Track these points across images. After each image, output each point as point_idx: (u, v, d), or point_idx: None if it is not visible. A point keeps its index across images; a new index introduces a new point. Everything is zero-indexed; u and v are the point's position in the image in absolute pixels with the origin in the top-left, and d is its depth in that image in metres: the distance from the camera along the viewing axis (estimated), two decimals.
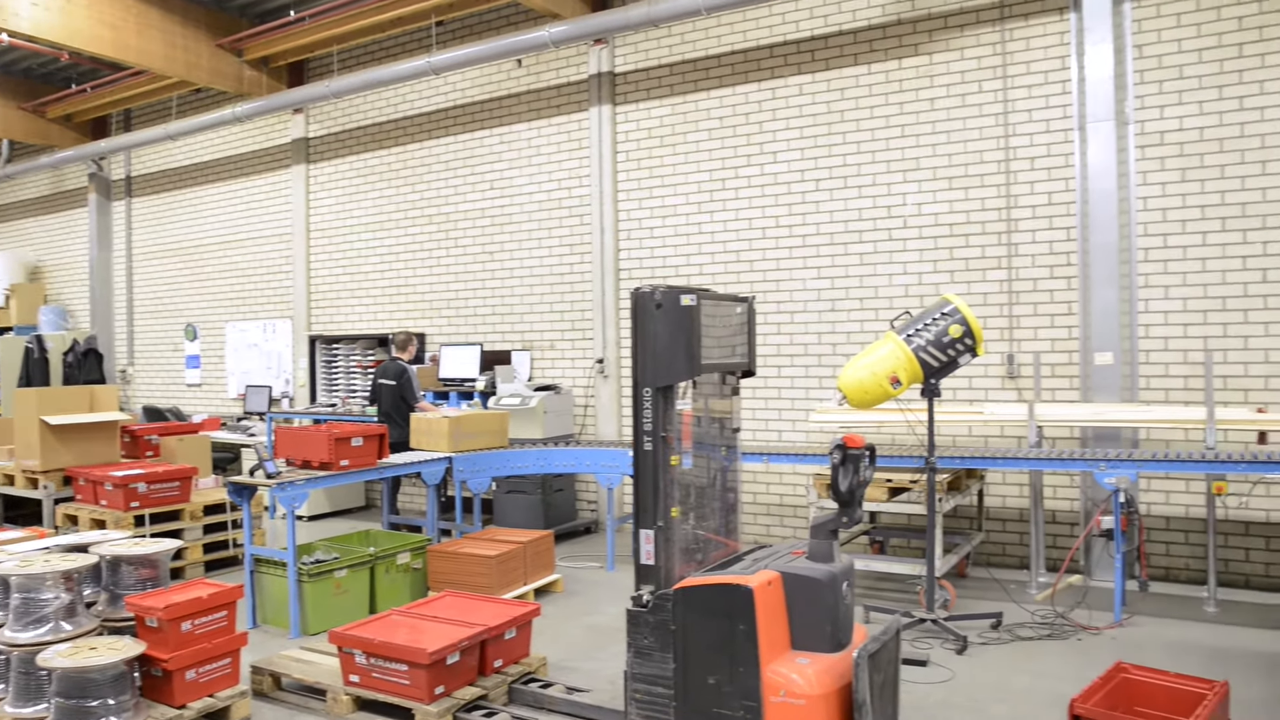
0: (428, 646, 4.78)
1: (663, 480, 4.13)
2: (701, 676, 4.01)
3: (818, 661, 3.94)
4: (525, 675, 5.28)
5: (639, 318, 4.15)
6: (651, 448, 4.13)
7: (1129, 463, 6.25)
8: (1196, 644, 5.92)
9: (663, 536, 4.15)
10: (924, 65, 8.19)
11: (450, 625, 5.19)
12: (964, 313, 5.71)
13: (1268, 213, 7.01)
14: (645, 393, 4.13)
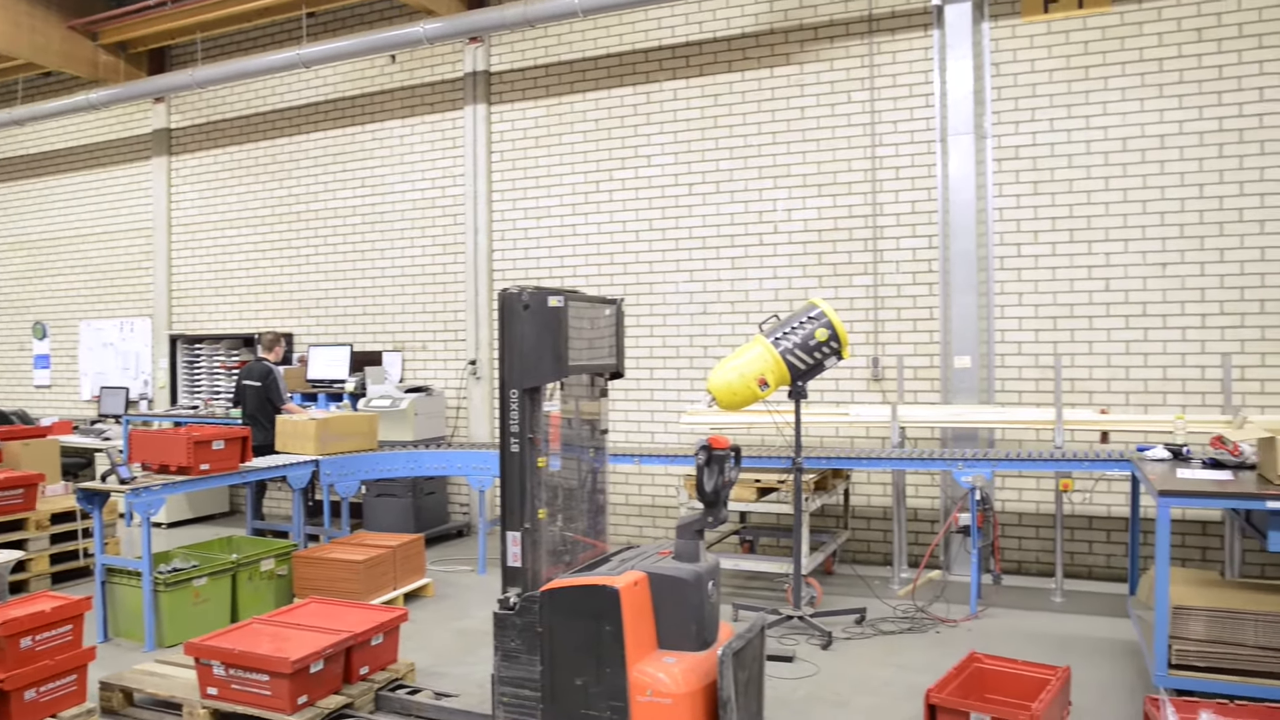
0: (290, 655, 4.65)
1: (530, 482, 4.12)
2: (568, 678, 4.01)
3: (684, 660, 3.98)
4: (392, 682, 5.18)
5: (506, 319, 4.13)
6: (519, 449, 4.11)
7: (984, 462, 6.52)
8: (1045, 632, 6.21)
9: (530, 539, 4.13)
10: (795, 74, 8.38)
11: (314, 633, 5.06)
12: (830, 317, 5.85)
13: (1110, 226, 7.42)
14: (512, 394, 4.10)
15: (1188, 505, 4.61)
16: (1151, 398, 7.30)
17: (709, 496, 4.13)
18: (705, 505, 4.17)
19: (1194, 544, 7.25)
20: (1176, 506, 4.82)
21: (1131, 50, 7.43)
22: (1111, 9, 7.48)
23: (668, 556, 4.23)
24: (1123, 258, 7.39)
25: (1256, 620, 4.52)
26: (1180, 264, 7.26)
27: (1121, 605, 6.58)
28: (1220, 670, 4.57)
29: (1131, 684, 5.21)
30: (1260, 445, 4.97)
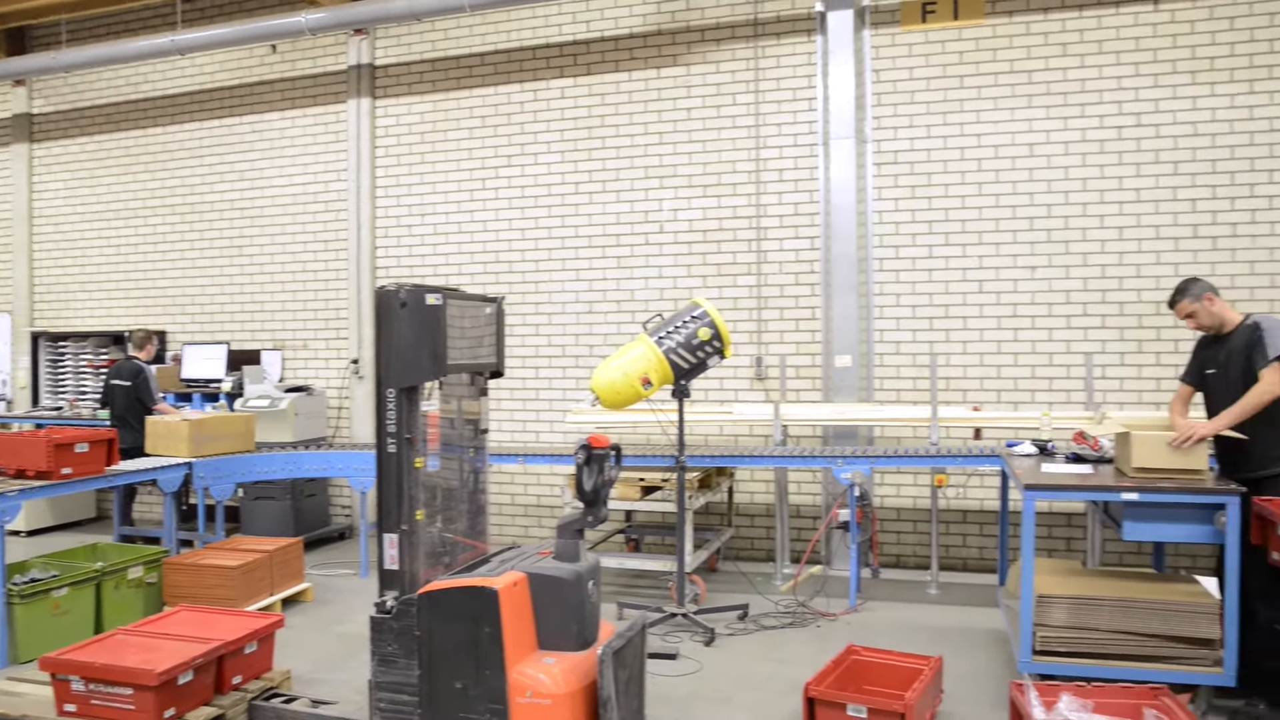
0: (155, 667, 4.46)
1: (407, 483, 4.05)
2: (447, 681, 3.96)
3: (564, 660, 3.96)
4: (267, 691, 5.02)
5: (383, 317, 4.05)
6: (395, 450, 4.03)
7: (863, 459, 6.68)
8: (921, 624, 6.39)
9: (407, 540, 4.06)
10: (682, 76, 8.44)
11: (183, 642, 4.87)
12: (713, 316, 5.91)
13: (983, 230, 7.69)
14: (389, 393, 4.02)
15: (1051, 498, 4.82)
16: (1021, 395, 7.59)
17: (588, 496, 4.12)
18: (585, 504, 4.16)
19: (1060, 535, 7.56)
20: (1041, 500, 5.03)
21: (1003, 61, 7.71)
22: (985, 21, 7.74)
23: (548, 557, 4.21)
24: (995, 260, 7.67)
25: (1112, 605, 4.73)
26: (1048, 267, 7.57)
27: (993, 595, 6.80)
28: (1080, 654, 4.77)
29: (1000, 671, 5.39)
30: (1117, 440, 5.21)
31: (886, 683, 4.82)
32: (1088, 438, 5.50)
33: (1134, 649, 4.72)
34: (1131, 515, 4.76)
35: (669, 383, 5.96)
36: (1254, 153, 7.28)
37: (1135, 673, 4.61)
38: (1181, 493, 4.67)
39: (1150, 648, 4.70)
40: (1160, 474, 4.81)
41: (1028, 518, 4.81)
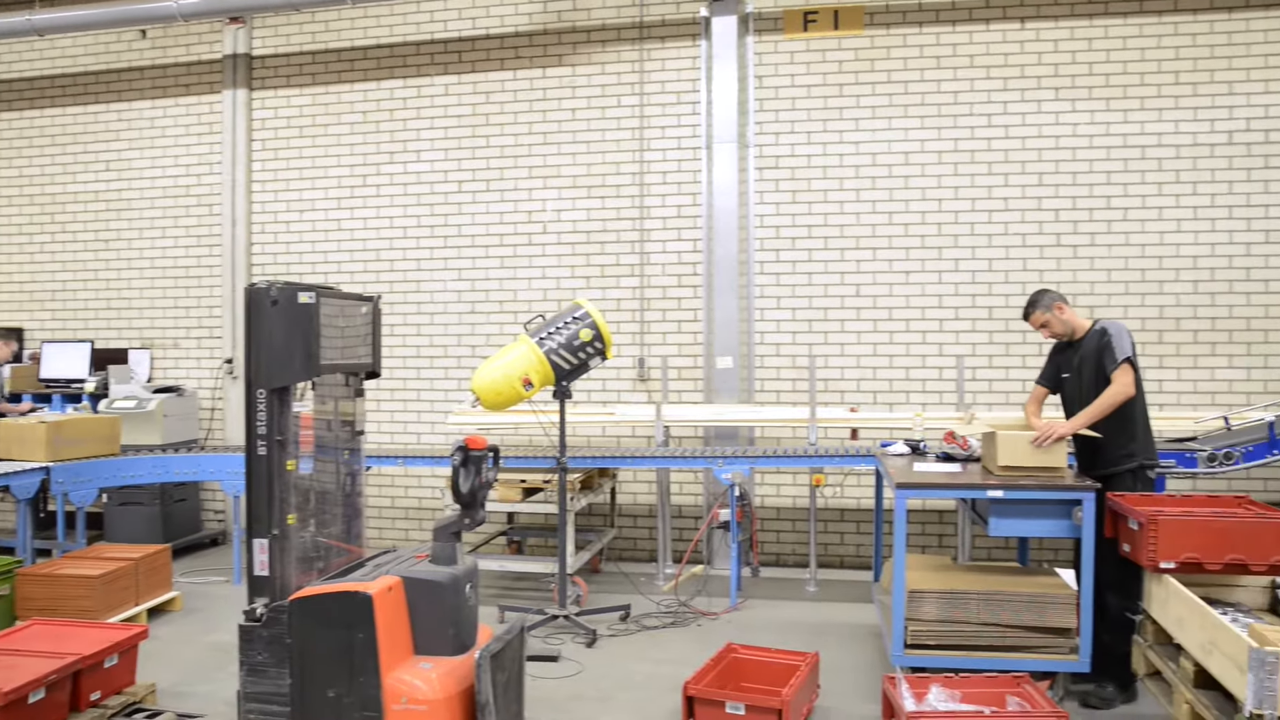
0: (3, 685, 4.22)
1: (278, 486, 3.93)
2: (319, 690, 3.86)
3: (440, 665, 3.91)
4: (129, 706, 4.81)
5: (253, 315, 3.93)
6: (266, 452, 3.91)
7: (743, 459, 6.77)
8: (800, 621, 6.51)
9: (278, 545, 3.95)
10: (567, 76, 8.42)
11: (35, 658, 4.61)
12: (594, 317, 5.91)
13: (860, 235, 7.89)
14: (259, 394, 3.90)
15: (922, 496, 4.97)
16: (896, 397, 7.81)
17: (465, 498, 4.08)
18: (462, 507, 4.12)
19: (932, 531, 7.82)
20: (913, 498, 5.19)
21: (881, 72, 7.93)
22: (863, 33, 7.95)
23: (424, 560, 4.14)
24: (871, 265, 7.87)
25: (978, 599, 4.90)
26: (921, 272, 7.81)
27: (869, 592, 6.98)
28: (949, 647, 4.92)
29: (875, 664, 5.54)
30: (984, 440, 5.41)
31: (765, 679, 4.89)
32: (957, 437, 5.69)
33: (999, 640, 4.90)
34: (997, 512, 4.94)
35: (550, 384, 5.93)
36: (1110, 167, 7.67)
37: (1000, 662, 4.79)
38: (1042, 489, 4.88)
39: (1014, 638, 4.89)
40: (1023, 472, 5.01)
41: (900, 515, 4.95)
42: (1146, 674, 4.75)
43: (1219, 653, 3.88)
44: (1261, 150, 7.56)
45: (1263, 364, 7.57)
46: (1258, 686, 3.54)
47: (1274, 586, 4.60)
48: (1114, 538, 4.89)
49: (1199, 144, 7.62)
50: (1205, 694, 4.06)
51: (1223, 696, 3.93)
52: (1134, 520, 4.61)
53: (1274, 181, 7.54)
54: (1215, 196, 7.60)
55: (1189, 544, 4.43)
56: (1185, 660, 4.21)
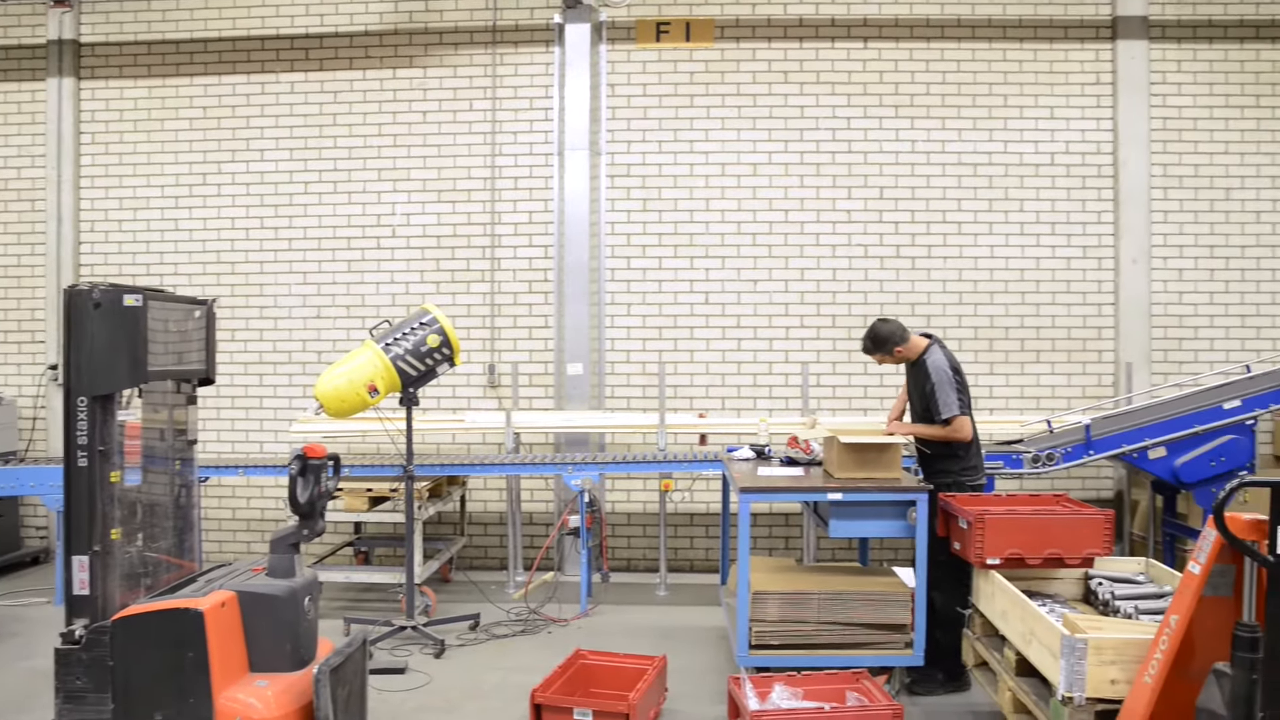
0: None
1: (100, 499, 3.72)
2: (145, 714, 3.66)
3: (277, 682, 3.78)
4: None
5: (73, 319, 3.71)
6: (87, 463, 3.70)
7: (592, 465, 6.80)
8: (650, 625, 6.56)
9: (100, 562, 3.74)
10: (418, 78, 8.29)
11: None
12: (442, 323, 5.83)
13: (709, 244, 8.05)
14: (80, 402, 3.69)
15: (765, 500, 5.09)
16: (744, 402, 7.99)
17: (303, 508, 3.95)
18: (300, 517, 3.99)
19: (779, 534, 8.02)
20: (756, 501, 5.31)
21: (730, 84, 8.10)
22: (714, 45, 8.10)
23: (261, 573, 4.00)
24: (720, 273, 8.03)
25: (820, 598, 5.04)
26: (768, 281, 8.02)
27: (718, 595, 7.09)
28: (792, 646, 5.05)
29: (722, 666, 5.62)
30: (825, 444, 5.58)
31: (613, 684, 4.91)
32: (800, 442, 5.85)
33: (840, 638, 5.05)
34: (837, 514, 5.10)
35: (397, 390, 5.82)
36: (945, 182, 8.05)
37: (841, 659, 4.94)
38: (878, 491, 5.07)
39: (853, 635, 5.05)
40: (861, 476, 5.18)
41: (744, 519, 5.05)
42: (975, 665, 5.00)
43: (1037, 642, 4.11)
44: (1079, 171, 8.07)
45: (1081, 370, 8.07)
46: (1069, 671, 3.77)
47: (1087, 578, 4.91)
48: (946, 537, 5.13)
49: (1025, 163, 8.07)
50: (1026, 681, 4.30)
51: (1040, 682, 4.17)
52: (963, 519, 4.84)
53: (1090, 200, 8.06)
54: (1040, 213, 8.07)
55: (1012, 541, 4.68)
56: (1008, 650, 4.45)
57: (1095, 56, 8.11)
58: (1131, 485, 7.91)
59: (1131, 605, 4.46)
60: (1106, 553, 4.77)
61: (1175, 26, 8.14)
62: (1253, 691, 3.34)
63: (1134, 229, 8.03)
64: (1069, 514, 4.86)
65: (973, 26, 8.10)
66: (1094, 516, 4.76)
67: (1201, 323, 8.16)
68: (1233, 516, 3.49)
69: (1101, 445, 6.65)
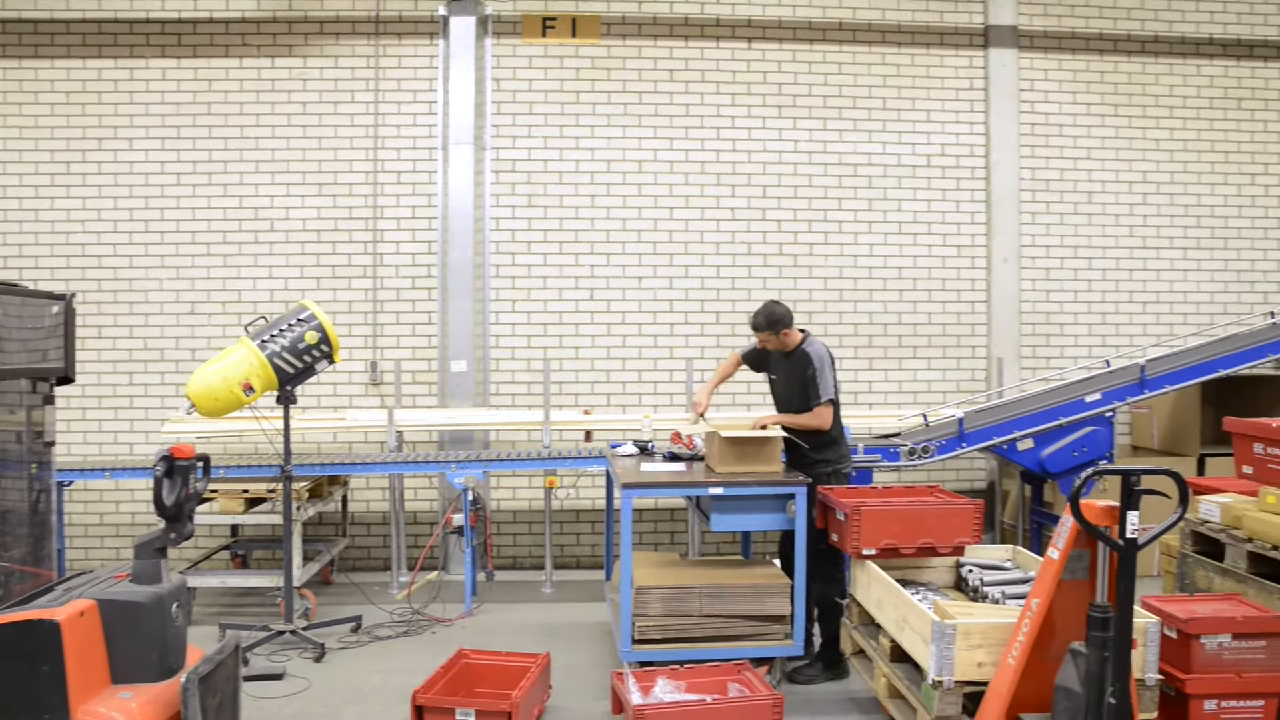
0: None
1: None
2: None
3: (142, 693, 3.62)
4: None
5: None
6: None
7: (476, 463, 6.74)
8: (535, 622, 6.54)
9: None
10: (298, 68, 8.07)
11: None
12: (320, 319, 5.70)
13: (595, 240, 8.06)
14: None
15: (647, 495, 5.13)
16: (629, 399, 8.02)
17: (170, 511, 3.80)
18: (166, 520, 3.84)
19: (664, 529, 8.08)
20: (639, 497, 5.35)
21: (616, 81, 8.12)
22: (600, 42, 8.11)
23: (125, 580, 3.83)
24: (605, 270, 8.05)
25: (702, 592, 5.10)
26: (653, 278, 8.07)
27: (603, 591, 7.11)
28: (675, 640, 5.09)
29: (606, 662, 5.64)
30: (706, 439, 5.65)
31: (496, 683, 4.88)
32: (683, 437, 5.91)
33: (721, 630, 5.11)
34: (718, 508, 5.17)
35: (274, 388, 5.66)
36: (826, 182, 8.23)
37: (723, 651, 4.99)
38: (758, 485, 5.15)
39: (735, 628, 5.12)
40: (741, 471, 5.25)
41: (626, 514, 5.07)
42: (853, 653, 5.14)
43: (910, 629, 4.24)
44: (954, 173, 8.35)
45: (956, 366, 8.36)
46: (939, 656, 3.91)
47: (958, 566, 5.09)
48: (824, 529, 5.25)
49: (902, 164, 8.31)
50: (899, 667, 4.44)
51: (913, 668, 4.31)
52: (841, 511, 4.97)
53: (964, 201, 8.35)
54: (916, 213, 8.32)
55: (887, 531, 4.83)
56: (883, 637, 4.58)
57: (969, 63, 8.40)
58: (1002, 476, 8.22)
59: (999, 591, 4.64)
60: (976, 541, 4.96)
61: (1042, 37, 8.49)
62: (1105, 669, 3.52)
63: (1005, 229, 8.34)
64: (941, 504, 5.03)
65: (853, 30, 8.29)
66: (964, 506, 4.94)
67: (1067, 320, 8.54)
68: (1088, 504, 3.66)
69: (973, 438, 6.89)
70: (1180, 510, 3.68)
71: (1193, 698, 4.07)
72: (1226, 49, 8.71)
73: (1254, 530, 4.45)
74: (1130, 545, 3.56)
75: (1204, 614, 4.17)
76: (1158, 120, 8.62)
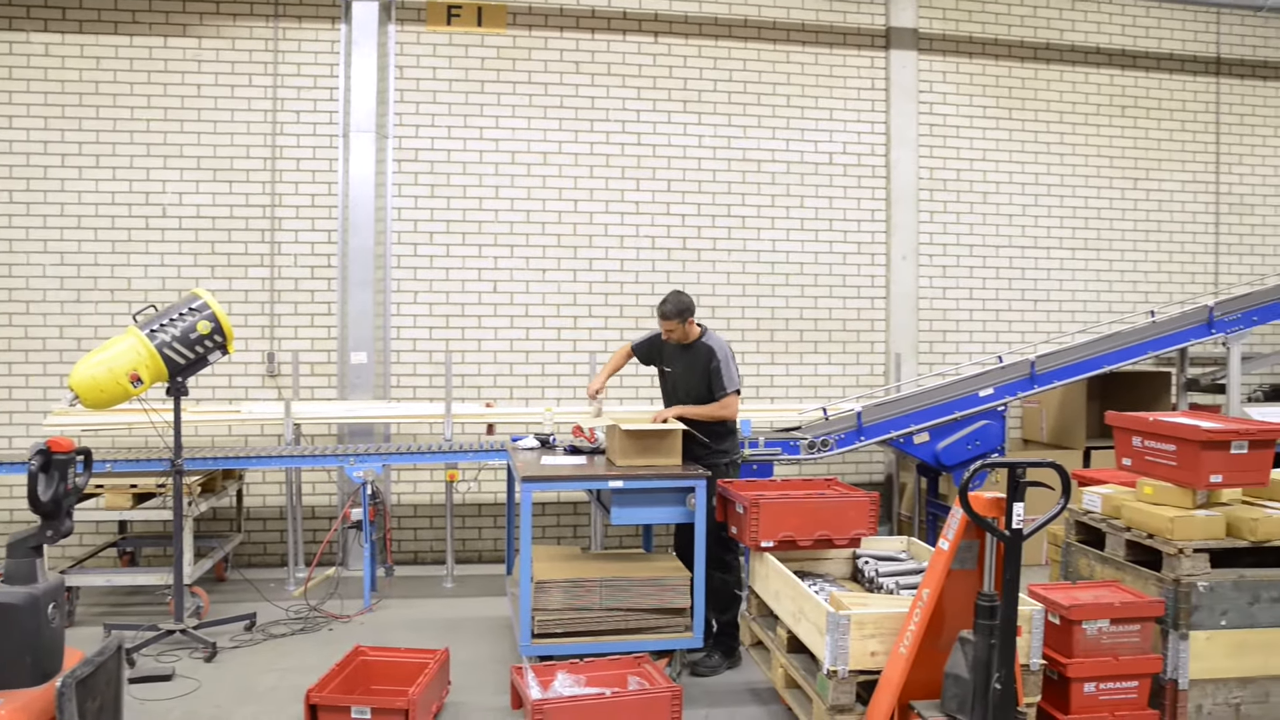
0: None
1: None
2: None
3: (14, 699, 3.47)
4: None
5: None
6: None
7: (375, 456, 6.63)
8: (435, 618, 6.47)
9: None
10: (192, 48, 7.80)
11: None
12: (214, 308, 5.54)
13: (499, 232, 7.99)
14: None
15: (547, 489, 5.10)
16: (532, 392, 7.99)
17: (46, 507, 3.65)
18: (42, 517, 3.69)
19: (568, 523, 8.07)
20: (539, 491, 5.32)
21: (522, 72, 8.05)
22: (506, 32, 8.03)
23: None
24: (509, 262, 7.99)
25: (602, 585, 5.10)
26: (557, 270, 8.04)
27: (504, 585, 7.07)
28: (576, 634, 5.09)
29: (507, 657, 5.61)
30: (608, 432, 5.65)
31: (394, 680, 4.82)
32: (585, 430, 5.90)
33: (622, 623, 5.12)
34: (618, 501, 5.17)
35: (164, 380, 5.47)
36: (730, 177, 8.31)
37: (623, 645, 5.02)
38: (658, 479, 5.16)
39: (635, 620, 5.14)
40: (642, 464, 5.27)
41: (526, 508, 5.05)
42: (752, 644, 5.20)
43: (806, 620, 4.31)
44: (855, 171, 8.51)
45: (855, 360, 8.52)
46: (833, 646, 3.98)
47: (855, 557, 5.19)
48: (723, 521, 5.30)
49: (805, 161, 8.44)
50: (796, 657, 4.52)
51: (810, 658, 4.39)
52: (740, 504, 5.02)
53: (865, 199, 8.52)
54: (819, 210, 8.46)
55: (785, 524, 4.90)
56: (781, 629, 4.65)
57: (871, 63, 8.56)
58: (900, 468, 8.41)
59: (893, 581, 4.75)
60: (872, 532, 5.06)
61: (941, 40, 8.70)
62: (991, 655, 3.64)
63: (904, 227, 8.54)
64: (837, 497, 5.12)
65: (759, 28, 8.37)
66: (860, 499, 5.04)
67: (962, 316, 8.78)
68: (976, 496, 3.78)
69: (872, 431, 7.03)
70: (1063, 501, 3.82)
71: (1074, 681, 4.22)
72: (1112, 58, 9.06)
73: (1131, 519, 4.64)
74: (1016, 536, 3.68)
75: (1085, 600, 4.33)
76: (1049, 124, 8.92)
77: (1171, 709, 4.36)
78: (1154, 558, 4.51)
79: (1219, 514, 4.44)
